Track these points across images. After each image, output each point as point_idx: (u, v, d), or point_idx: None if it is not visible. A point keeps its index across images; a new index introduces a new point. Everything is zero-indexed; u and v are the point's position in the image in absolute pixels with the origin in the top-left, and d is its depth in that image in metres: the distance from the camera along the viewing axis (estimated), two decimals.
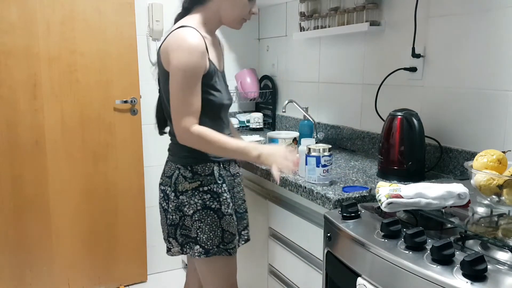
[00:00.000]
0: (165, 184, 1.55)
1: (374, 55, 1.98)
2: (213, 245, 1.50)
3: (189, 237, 1.51)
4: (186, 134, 1.41)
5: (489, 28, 1.47)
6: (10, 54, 2.32)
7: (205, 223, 1.49)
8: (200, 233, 1.49)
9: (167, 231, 1.56)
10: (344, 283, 1.16)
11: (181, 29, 1.42)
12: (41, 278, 2.54)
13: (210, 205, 1.50)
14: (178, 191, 1.50)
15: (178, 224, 1.52)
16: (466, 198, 1.12)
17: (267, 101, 2.84)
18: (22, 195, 2.44)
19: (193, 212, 1.49)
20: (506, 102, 1.43)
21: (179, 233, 1.53)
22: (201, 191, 1.49)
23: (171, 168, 1.54)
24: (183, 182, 1.50)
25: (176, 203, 1.51)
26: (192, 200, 1.49)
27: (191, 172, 1.50)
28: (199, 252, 1.50)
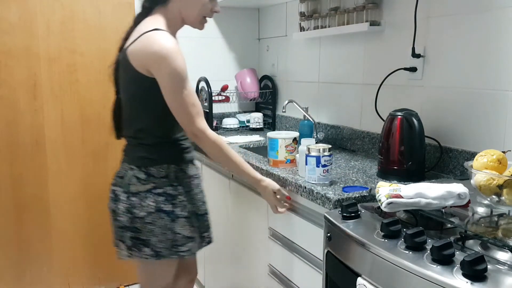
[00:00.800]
0: (117, 185, 1.52)
1: (374, 55, 1.98)
2: (163, 248, 1.48)
3: (139, 239, 1.48)
4: (203, 135, 1.43)
5: (489, 28, 1.47)
6: (10, 54, 2.32)
7: (156, 226, 1.46)
8: (151, 236, 1.46)
9: (115, 233, 1.52)
10: (344, 283, 1.16)
11: (157, 32, 1.39)
12: (41, 278, 2.54)
13: (163, 207, 1.47)
14: (130, 192, 1.47)
15: (127, 226, 1.48)
16: (466, 198, 1.12)
17: (267, 101, 2.84)
18: (22, 195, 2.44)
19: (145, 214, 1.46)
20: (506, 102, 1.43)
21: (129, 236, 1.49)
22: (155, 193, 1.46)
23: (124, 168, 1.52)
24: (136, 184, 1.47)
25: (127, 205, 1.47)
26: (144, 202, 1.46)
27: (146, 173, 1.47)
28: (149, 255, 1.47)
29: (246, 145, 2.30)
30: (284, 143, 1.71)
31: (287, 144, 1.71)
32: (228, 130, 2.73)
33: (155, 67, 1.37)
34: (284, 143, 1.71)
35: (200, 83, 2.63)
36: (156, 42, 1.37)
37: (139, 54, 1.40)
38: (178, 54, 1.38)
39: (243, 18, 2.88)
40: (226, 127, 2.75)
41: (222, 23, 2.81)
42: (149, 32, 1.39)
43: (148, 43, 1.38)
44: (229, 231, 2.15)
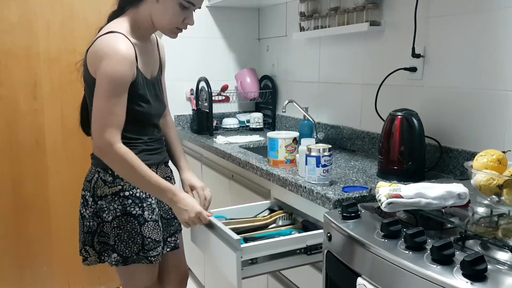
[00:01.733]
0: (85, 189, 1.47)
1: (374, 55, 1.98)
2: (132, 253, 1.43)
3: (107, 244, 1.44)
4: (108, 149, 1.32)
5: (489, 28, 1.47)
6: (10, 54, 2.32)
7: (124, 230, 1.42)
8: (118, 241, 1.42)
9: (83, 238, 1.47)
10: (344, 283, 1.16)
11: (110, 35, 1.35)
12: (41, 278, 2.54)
13: (131, 211, 1.42)
14: (96, 196, 1.43)
15: (96, 231, 1.44)
16: (466, 198, 1.12)
17: (267, 101, 2.84)
18: (22, 195, 2.44)
19: (112, 218, 1.42)
20: (506, 102, 1.43)
21: (97, 241, 1.45)
22: (122, 196, 1.42)
23: (91, 171, 1.48)
24: (103, 187, 1.42)
25: (94, 209, 1.43)
26: (111, 205, 1.42)
27: (112, 176, 1.42)
28: (116, 261, 1.43)
29: (246, 145, 2.30)
30: (284, 143, 1.71)
31: (287, 144, 1.71)
32: (228, 130, 2.73)
33: (96, 67, 1.33)
34: (284, 143, 1.71)
35: (200, 83, 2.63)
36: (104, 44, 1.33)
37: (90, 57, 1.37)
38: (122, 60, 1.31)
39: (243, 18, 2.88)
40: (226, 127, 2.75)
41: (222, 23, 2.81)
42: (104, 35, 1.35)
43: (99, 45, 1.35)
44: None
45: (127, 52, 1.33)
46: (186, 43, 2.68)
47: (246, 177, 1.97)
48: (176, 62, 2.68)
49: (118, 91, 1.32)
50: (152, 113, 1.49)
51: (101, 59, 1.31)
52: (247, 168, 1.87)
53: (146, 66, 1.46)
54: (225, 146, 2.22)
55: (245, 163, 1.88)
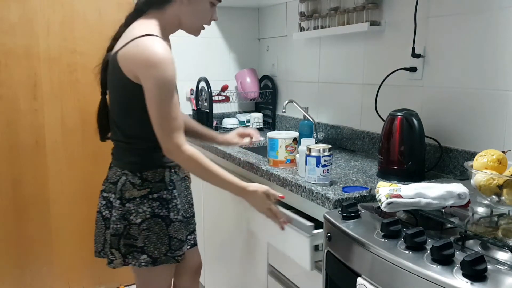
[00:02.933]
0: (109, 191, 1.48)
1: (374, 55, 1.98)
2: (160, 254, 1.45)
3: (134, 247, 1.44)
4: (178, 151, 1.35)
5: (489, 28, 1.47)
6: (10, 54, 2.32)
7: (153, 232, 1.43)
8: (148, 242, 1.43)
9: (110, 241, 1.46)
10: (344, 283, 1.16)
11: (149, 38, 1.33)
12: (41, 278, 2.54)
13: (158, 212, 1.44)
14: (124, 199, 1.43)
15: (122, 233, 1.44)
16: (466, 198, 1.12)
17: (267, 101, 2.84)
18: (22, 195, 2.44)
19: (141, 220, 1.42)
20: (506, 102, 1.43)
21: (123, 243, 1.44)
22: (150, 198, 1.43)
23: (116, 173, 1.47)
24: (131, 189, 1.43)
25: (122, 211, 1.43)
26: (140, 208, 1.42)
27: (140, 178, 1.43)
28: (146, 262, 1.44)
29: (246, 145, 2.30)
30: (284, 143, 1.71)
31: (287, 144, 1.71)
32: (228, 130, 2.72)
33: (143, 74, 1.32)
34: (284, 143, 1.71)
35: (200, 83, 2.63)
36: (148, 48, 1.31)
37: (129, 60, 1.34)
38: (169, 64, 1.32)
39: (243, 18, 2.88)
40: (226, 127, 2.75)
41: (222, 23, 2.81)
42: (141, 37, 1.33)
43: (139, 49, 1.32)
44: (229, 231, 2.15)
45: (169, 54, 1.34)
46: (186, 43, 2.68)
47: (246, 177, 1.97)
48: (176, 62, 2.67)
49: (172, 93, 1.34)
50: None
51: (149, 67, 1.30)
52: (247, 168, 1.87)
53: None
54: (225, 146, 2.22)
55: (245, 163, 1.88)
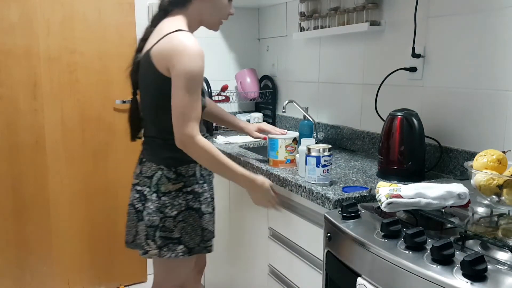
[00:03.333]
0: (143, 185, 1.53)
1: (374, 55, 1.98)
2: (195, 244, 1.54)
3: (171, 238, 1.50)
4: (189, 141, 1.40)
5: (489, 28, 1.47)
6: (10, 54, 2.32)
7: (188, 223, 1.51)
8: (184, 233, 1.51)
9: (146, 232, 1.51)
10: (344, 283, 1.16)
11: (179, 33, 1.41)
12: (41, 278, 2.54)
13: (192, 205, 1.52)
14: (160, 192, 1.49)
15: (158, 226, 1.50)
16: (466, 198, 1.12)
17: (267, 101, 2.84)
18: (22, 195, 2.44)
19: (177, 213, 1.50)
20: (506, 102, 1.43)
21: (158, 235, 1.50)
22: (184, 192, 1.51)
23: (151, 168, 1.52)
24: (167, 183, 1.49)
25: (158, 204, 1.49)
26: (175, 201, 1.50)
27: (175, 173, 1.50)
28: (183, 252, 1.51)
29: (246, 145, 2.30)
30: (284, 143, 1.71)
31: (287, 144, 1.71)
32: (228, 130, 2.72)
33: (174, 64, 1.38)
34: (284, 143, 1.71)
35: None
36: (181, 41, 1.39)
37: (162, 54, 1.41)
38: (200, 57, 1.40)
39: (243, 18, 2.88)
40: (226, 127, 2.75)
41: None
42: (173, 33, 1.41)
43: (173, 43, 1.39)
44: (229, 231, 2.15)
45: (200, 48, 1.41)
46: None
47: None
48: None
49: (197, 86, 1.40)
50: (204, 106, 1.55)
51: (178, 56, 1.37)
52: (247, 168, 1.87)
53: None
54: (225, 146, 2.22)
55: (245, 163, 1.88)
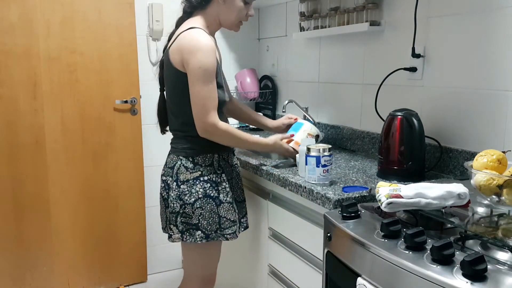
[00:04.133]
0: (167, 175, 1.65)
1: (374, 55, 1.98)
2: (211, 231, 1.60)
3: (190, 224, 1.59)
4: (213, 128, 1.53)
5: (489, 28, 1.47)
6: (10, 54, 2.32)
7: (205, 210, 1.59)
8: (202, 219, 1.59)
9: (168, 218, 1.63)
10: (344, 283, 1.16)
11: (192, 30, 1.53)
12: (41, 278, 2.54)
13: (209, 193, 1.60)
14: (179, 181, 1.60)
15: (179, 212, 1.60)
16: (466, 198, 1.12)
17: (267, 101, 2.84)
18: (22, 195, 2.44)
19: (194, 200, 1.58)
20: (506, 102, 1.43)
21: (180, 221, 1.60)
22: (202, 180, 1.60)
23: (173, 159, 1.64)
24: (185, 172, 1.60)
25: (178, 192, 1.59)
26: (193, 189, 1.59)
27: (193, 162, 1.60)
28: (200, 237, 1.59)
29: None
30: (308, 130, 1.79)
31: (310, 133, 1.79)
32: None
33: (188, 59, 1.49)
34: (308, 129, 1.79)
35: None
36: (193, 37, 1.51)
37: (177, 51, 1.53)
38: (211, 51, 1.50)
39: None
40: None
41: None
42: (186, 31, 1.54)
43: (185, 39, 1.52)
44: None
45: (211, 43, 1.52)
46: None
47: (246, 177, 1.97)
48: None
49: (211, 78, 1.52)
50: (226, 100, 1.63)
51: (191, 52, 1.49)
52: (247, 168, 1.87)
53: (219, 58, 1.67)
54: None
55: (245, 163, 1.88)
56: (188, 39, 1.52)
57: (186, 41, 1.52)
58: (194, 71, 1.50)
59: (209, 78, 1.51)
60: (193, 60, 1.49)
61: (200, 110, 1.52)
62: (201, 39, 1.51)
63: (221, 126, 1.54)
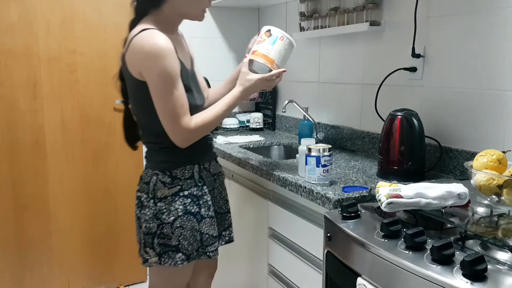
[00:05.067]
0: (142, 191, 1.49)
1: (374, 55, 1.98)
2: (193, 250, 1.46)
3: (169, 246, 1.44)
4: (189, 134, 1.38)
5: (489, 28, 1.47)
6: (10, 54, 2.32)
7: (186, 229, 1.44)
8: (182, 240, 1.44)
9: (143, 240, 1.47)
10: (344, 283, 1.16)
11: (144, 32, 1.33)
12: (41, 279, 2.54)
13: (190, 209, 1.46)
14: (157, 198, 1.44)
15: (156, 233, 1.44)
16: (466, 198, 1.12)
17: (267, 101, 2.84)
18: (22, 195, 2.44)
19: (174, 218, 1.43)
20: (506, 102, 1.43)
21: (157, 243, 1.44)
22: (182, 195, 1.45)
23: (148, 174, 1.48)
24: (162, 188, 1.44)
25: (154, 211, 1.44)
26: (172, 206, 1.44)
27: (170, 176, 1.45)
28: (181, 260, 1.44)
29: (246, 145, 2.30)
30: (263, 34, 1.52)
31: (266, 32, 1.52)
32: (228, 130, 2.73)
33: (144, 68, 1.33)
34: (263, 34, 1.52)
35: None
36: (145, 41, 1.32)
37: (132, 59, 1.36)
38: (169, 53, 1.32)
39: (243, 18, 2.88)
40: (226, 127, 2.75)
41: (222, 23, 2.81)
42: (138, 34, 1.34)
43: (137, 45, 1.33)
44: None
45: (167, 44, 1.32)
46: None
47: (246, 177, 1.97)
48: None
49: (175, 83, 1.34)
50: (198, 104, 1.47)
51: (145, 59, 1.32)
52: (247, 168, 1.87)
53: (183, 58, 1.46)
54: (225, 146, 2.22)
55: (245, 163, 1.88)
56: (139, 45, 1.32)
57: (138, 47, 1.32)
58: (153, 80, 1.33)
59: (172, 84, 1.33)
60: (149, 68, 1.32)
61: (169, 124, 1.36)
62: (155, 42, 1.30)
63: (194, 125, 1.38)
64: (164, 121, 1.36)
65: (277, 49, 1.49)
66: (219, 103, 1.46)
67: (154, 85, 1.33)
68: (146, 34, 1.33)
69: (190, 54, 1.59)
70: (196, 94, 1.48)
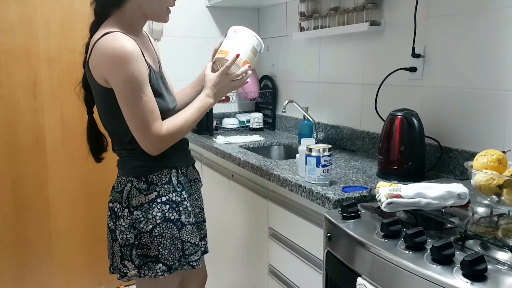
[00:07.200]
0: (115, 201, 1.40)
1: (374, 55, 1.98)
2: (174, 260, 1.39)
3: (149, 256, 1.36)
4: (159, 140, 1.32)
5: (489, 28, 1.47)
6: (10, 54, 2.32)
7: (166, 237, 1.37)
8: (162, 249, 1.36)
9: (120, 253, 1.38)
10: (344, 283, 1.16)
11: (107, 36, 1.26)
12: (41, 279, 2.54)
13: (169, 216, 1.38)
14: (132, 206, 1.36)
15: (133, 243, 1.36)
16: (466, 198, 1.12)
17: (267, 101, 2.84)
18: (22, 195, 2.44)
19: (152, 227, 1.35)
20: (506, 102, 1.43)
21: (136, 254, 1.36)
22: (160, 202, 1.37)
23: (121, 182, 1.41)
24: (138, 196, 1.36)
25: (130, 220, 1.36)
26: (149, 214, 1.36)
27: (146, 182, 1.37)
28: (162, 271, 1.37)
29: (246, 145, 2.30)
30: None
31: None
32: (228, 130, 2.73)
33: (109, 74, 1.26)
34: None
35: None
36: (108, 45, 1.24)
37: (96, 65, 1.29)
38: (135, 56, 1.24)
39: (243, 18, 2.88)
40: (226, 127, 2.75)
41: (222, 23, 2.81)
42: (100, 38, 1.27)
43: (100, 50, 1.26)
44: (229, 231, 2.15)
45: (133, 47, 1.25)
46: (186, 43, 2.68)
47: (246, 177, 1.97)
48: (176, 62, 2.68)
49: (143, 88, 1.27)
50: (170, 108, 1.41)
51: (110, 64, 1.24)
52: (247, 168, 1.87)
53: (150, 60, 1.40)
54: (225, 146, 2.22)
55: (245, 163, 1.88)
56: (103, 50, 1.24)
57: (101, 52, 1.25)
58: (119, 87, 1.25)
59: (140, 90, 1.25)
60: (114, 74, 1.24)
61: (139, 132, 1.29)
62: (119, 45, 1.23)
63: (166, 132, 1.32)
64: (133, 129, 1.30)
65: (231, 42, 1.50)
66: (190, 107, 1.41)
67: (121, 91, 1.26)
68: (109, 37, 1.25)
69: (157, 55, 1.53)
70: (167, 97, 1.42)
